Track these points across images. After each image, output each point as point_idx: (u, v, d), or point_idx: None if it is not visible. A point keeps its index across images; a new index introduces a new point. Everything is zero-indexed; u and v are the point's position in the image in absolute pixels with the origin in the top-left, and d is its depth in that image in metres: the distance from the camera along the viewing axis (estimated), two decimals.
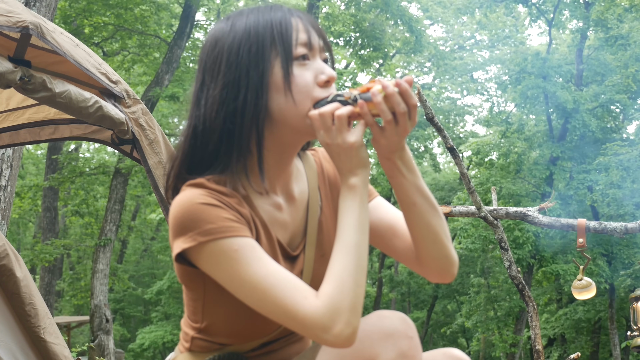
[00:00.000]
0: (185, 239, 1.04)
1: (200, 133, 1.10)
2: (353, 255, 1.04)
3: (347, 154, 1.07)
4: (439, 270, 1.20)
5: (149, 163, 2.60)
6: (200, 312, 1.18)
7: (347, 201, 1.08)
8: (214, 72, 1.11)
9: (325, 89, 1.10)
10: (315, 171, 1.27)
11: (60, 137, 3.08)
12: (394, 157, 1.11)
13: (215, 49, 1.12)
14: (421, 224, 1.15)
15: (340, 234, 1.07)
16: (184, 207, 1.05)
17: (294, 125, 1.10)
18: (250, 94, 1.08)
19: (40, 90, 2.23)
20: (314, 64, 1.11)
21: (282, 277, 1.03)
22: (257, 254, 1.04)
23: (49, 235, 14.06)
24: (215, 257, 1.04)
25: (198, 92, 1.13)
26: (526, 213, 3.97)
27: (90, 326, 10.71)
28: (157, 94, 11.73)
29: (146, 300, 21.38)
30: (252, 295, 1.03)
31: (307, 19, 1.14)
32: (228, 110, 1.08)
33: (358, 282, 1.03)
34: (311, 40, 1.11)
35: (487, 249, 15.65)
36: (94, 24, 13.01)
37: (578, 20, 15.99)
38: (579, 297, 3.72)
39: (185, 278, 1.15)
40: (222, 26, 1.14)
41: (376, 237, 1.25)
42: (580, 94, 15.07)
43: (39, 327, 2.58)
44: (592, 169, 14.29)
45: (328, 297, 1.01)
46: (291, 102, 1.08)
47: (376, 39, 14.73)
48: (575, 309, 16.14)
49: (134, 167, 11.39)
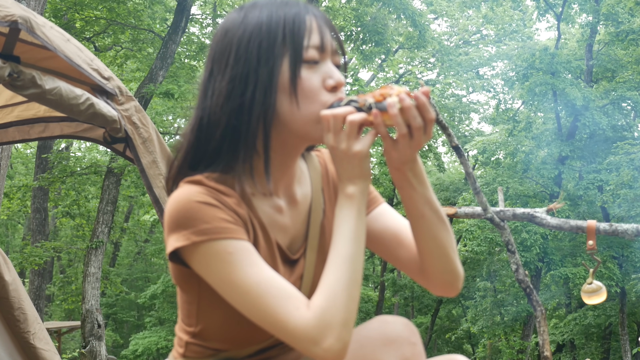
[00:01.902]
0: (179, 237, 1.05)
1: (205, 125, 1.11)
2: (347, 268, 1.04)
3: (350, 162, 1.07)
4: (443, 284, 1.20)
5: (143, 162, 2.60)
6: (194, 315, 1.18)
7: (344, 210, 1.08)
8: (221, 64, 1.11)
9: (332, 94, 1.10)
10: (320, 173, 1.27)
11: (51, 135, 3.09)
12: (405, 168, 1.10)
13: (225, 39, 1.12)
14: (428, 237, 1.15)
15: (335, 244, 1.07)
16: (180, 204, 1.05)
17: (296, 129, 1.10)
18: (259, 91, 1.07)
19: (29, 86, 2.23)
20: (324, 67, 1.11)
21: (275, 285, 1.03)
22: (251, 258, 1.04)
23: (39, 237, 14.05)
24: (208, 259, 1.04)
25: (206, 82, 1.13)
26: (534, 214, 3.97)
27: (81, 332, 10.70)
28: (151, 91, 11.73)
29: (139, 304, 21.37)
30: (243, 301, 1.03)
31: (323, 19, 1.13)
32: (234, 105, 1.08)
33: (351, 295, 1.03)
34: (324, 42, 1.11)
35: (493, 251, 15.66)
36: (86, 18, 13.01)
37: (588, 14, 16.00)
38: (588, 301, 3.72)
39: (179, 279, 1.15)
40: (235, 16, 1.14)
41: (380, 246, 1.25)
42: (590, 90, 15.08)
43: (29, 333, 2.58)
44: (602, 168, 14.29)
45: (319, 309, 1.01)
46: (295, 105, 1.08)
47: (378, 33, 14.72)
48: (585, 314, 16.14)
49: (127, 166, 11.38)
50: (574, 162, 15.39)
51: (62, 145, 18.24)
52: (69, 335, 17.62)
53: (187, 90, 12.17)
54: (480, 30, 20.40)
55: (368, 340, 1.06)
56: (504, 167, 16.37)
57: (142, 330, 20.39)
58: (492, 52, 19.83)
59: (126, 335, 22.27)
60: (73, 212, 15.28)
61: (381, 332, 1.07)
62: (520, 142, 15.76)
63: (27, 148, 21.35)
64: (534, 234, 14.03)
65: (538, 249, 14.19)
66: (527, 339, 16.50)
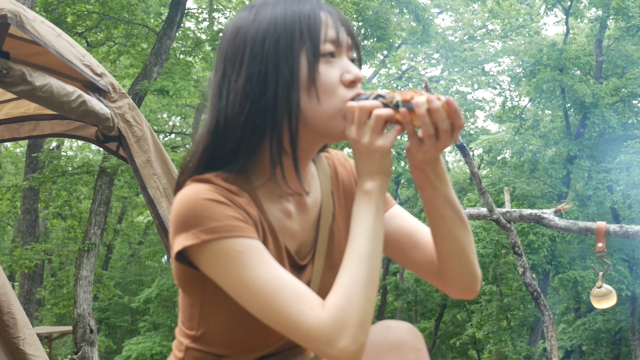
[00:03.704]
0: (187, 235, 1.05)
1: (222, 127, 1.11)
2: (364, 266, 1.04)
3: (370, 157, 1.08)
4: (462, 287, 1.21)
5: (136, 162, 2.60)
6: (196, 318, 1.18)
7: (362, 207, 1.09)
8: (235, 63, 1.11)
9: (350, 89, 1.11)
10: (329, 176, 1.28)
11: (41, 133, 3.09)
12: (427, 168, 1.11)
13: (237, 38, 1.12)
14: (448, 238, 1.16)
15: (352, 242, 1.07)
16: (188, 202, 1.05)
17: (317, 125, 1.11)
18: (282, 89, 1.08)
19: (19, 83, 2.23)
20: (340, 62, 1.12)
21: (288, 284, 1.03)
22: (262, 257, 1.04)
23: (29, 239, 14.05)
24: (217, 258, 1.04)
25: (220, 83, 1.13)
26: (541, 215, 3.97)
27: (73, 337, 10.70)
28: (145, 88, 11.73)
29: (133, 309, 21.37)
30: (254, 301, 1.03)
31: (337, 15, 1.15)
32: (255, 105, 1.08)
33: (368, 295, 1.03)
34: (339, 37, 1.12)
35: (499, 254, 15.66)
36: (77, 12, 13.01)
37: (597, 8, 15.99)
38: (598, 305, 3.72)
39: (183, 280, 1.15)
40: (245, 14, 1.14)
41: (394, 248, 1.25)
42: (600, 87, 15.07)
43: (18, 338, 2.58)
44: (612, 168, 14.29)
45: (335, 309, 1.01)
46: (315, 100, 1.09)
47: (380, 28, 14.72)
48: (594, 319, 16.14)
49: (120, 166, 11.38)
50: (583, 162, 15.40)
51: (53, 144, 18.24)
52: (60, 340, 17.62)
53: (182, 87, 12.17)
54: (486, 24, 20.40)
55: (371, 346, 1.06)
56: (510, 166, 16.37)
57: (135, 336, 20.39)
58: (498, 48, 19.84)
59: (119, 340, 22.25)
60: (64, 213, 15.26)
61: (384, 337, 1.07)
62: (527, 140, 15.76)
63: (16, 147, 21.35)
64: (541, 236, 14.04)
65: (546, 251, 14.20)
66: (535, 345, 16.50)
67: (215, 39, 13.69)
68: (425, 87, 3.68)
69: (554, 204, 14.38)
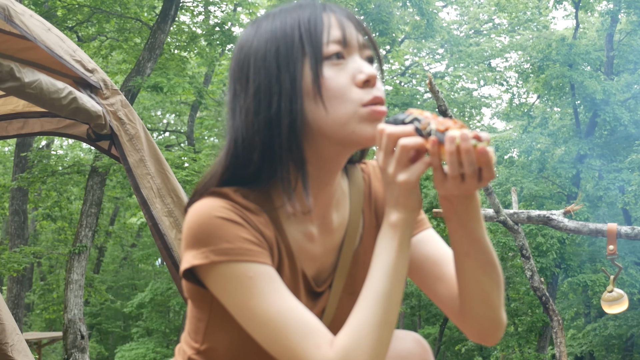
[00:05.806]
0: (197, 253, 1.04)
1: (240, 147, 1.09)
2: (379, 306, 1.02)
3: (395, 190, 1.04)
4: (481, 332, 1.16)
5: (129, 161, 2.60)
6: (202, 333, 1.18)
7: (385, 240, 1.05)
8: (242, 80, 1.11)
9: (366, 90, 1.08)
10: (362, 191, 1.24)
11: (30, 132, 3.09)
12: (456, 201, 1.05)
13: (241, 54, 1.12)
14: (471, 279, 1.10)
15: (370, 278, 1.04)
16: (201, 219, 1.04)
17: (330, 134, 1.07)
18: (284, 100, 1.06)
19: (7, 79, 2.23)
20: (351, 63, 1.09)
21: (297, 317, 1.01)
22: (273, 285, 1.03)
23: (18, 241, 14.06)
24: (226, 281, 1.03)
25: (232, 103, 1.12)
26: (550, 217, 3.97)
27: (63, 343, 10.69)
28: (138, 84, 11.73)
29: (126, 314, 21.38)
30: (260, 331, 1.02)
31: (343, 13, 1.12)
32: (263, 120, 1.07)
33: (380, 337, 1.01)
34: (346, 36, 1.10)
35: (506, 256, 15.66)
36: (68, 5, 13.01)
37: (608, 2, 16.01)
38: (609, 310, 3.72)
39: (191, 295, 1.15)
40: (248, 31, 1.14)
41: (418, 276, 1.21)
42: (611, 83, 15.08)
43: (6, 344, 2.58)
44: (623, 167, 14.30)
45: (342, 350, 0.99)
46: (322, 108, 1.06)
47: (383, 22, 14.72)
48: (605, 324, 16.14)
49: (113, 165, 11.38)
50: (593, 161, 15.39)
51: (43, 142, 18.24)
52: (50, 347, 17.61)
53: (177, 84, 12.17)
54: (493, 18, 20.40)
55: None
56: (517, 166, 16.36)
57: (128, 342, 20.40)
58: (505, 43, 19.83)
59: (111, 347, 22.26)
60: (54, 214, 15.26)
61: (391, 349, 1.06)
62: (535, 139, 15.76)
63: (4, 146, 21.35)
64: (550, 238, 14.04)
65: (554, 254, 14.19)
66: (543, 351, 16.50)
67: (211, 34, 13.70)
68: (429, 83, 3.68)
69: (563, 204, 14.37)
